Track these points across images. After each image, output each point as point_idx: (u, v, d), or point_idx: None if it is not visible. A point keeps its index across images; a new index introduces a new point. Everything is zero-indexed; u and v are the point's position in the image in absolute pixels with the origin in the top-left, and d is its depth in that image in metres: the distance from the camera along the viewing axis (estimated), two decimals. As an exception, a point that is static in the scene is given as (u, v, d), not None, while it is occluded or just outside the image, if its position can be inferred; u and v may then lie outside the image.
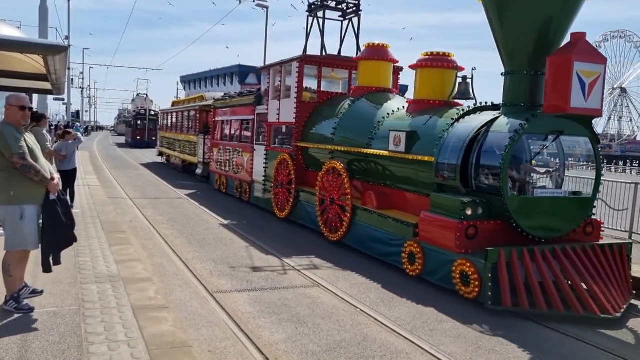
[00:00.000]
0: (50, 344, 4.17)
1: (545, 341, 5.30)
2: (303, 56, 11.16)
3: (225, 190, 15.49)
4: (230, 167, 14.91)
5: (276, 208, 11.67)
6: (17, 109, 4.80)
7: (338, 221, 9.16)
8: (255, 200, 13.18)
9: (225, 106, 15.82)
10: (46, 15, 18.48)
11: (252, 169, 13.27)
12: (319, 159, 10.41)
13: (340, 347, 4.87)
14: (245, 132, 14.35)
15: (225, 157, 15.39)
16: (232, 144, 14.91)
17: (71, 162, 10.60)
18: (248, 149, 13.56)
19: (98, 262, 6.62)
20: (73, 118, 52.73)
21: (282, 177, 11.35)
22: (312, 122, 10.96)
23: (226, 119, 15.94)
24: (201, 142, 18.99)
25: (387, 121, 8.89)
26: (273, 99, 12.16)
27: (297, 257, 8.25)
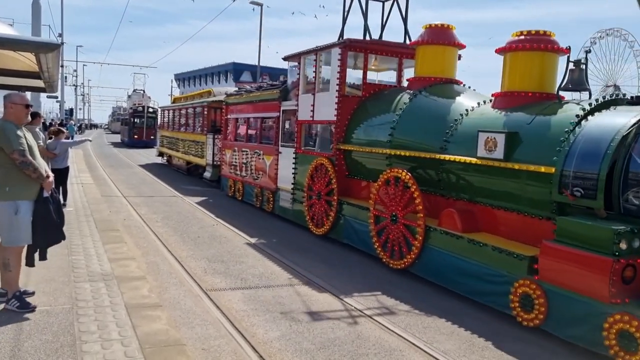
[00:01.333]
0: (43, 343, 4.16)
1: (541, 340, 5.33)
2: (347, 41, 9.13)
3: (241, 197, 13.52)
4: (248, 171, 12.97)
5: (311, 222, 9.77)
6: (22, 107, 4.92)
7: (403, 245, 7.27)
8: (282, 211, 11.19)
9: (241, 102, 13.88)
10: (39, 12, 18.36)
11: (276, 174, 11.33)
12: (369, 166, 8.65)
13: (334, 345, 4.88)
14: (267, 131, 12.59)
15: (241, 160, 13.40)
16: (250, 145, 13.02)
17: (64, 160, 10.56)
18: (271, 151, 11.68)
19: (91, 261, 6.60)
20: (66, 116, 52.06)
21: (318, 185, 9.49)
22: (356, 120, 9.05)
23: (242, 117, 13.96)
24: (210, 143, 16.92)
25: (468, 119, 7.02)
26: (305, 93, 10.27)
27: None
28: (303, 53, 10.37)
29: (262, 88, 13.00)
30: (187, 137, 20.37)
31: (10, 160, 4.64)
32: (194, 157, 19.11)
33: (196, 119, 19.76)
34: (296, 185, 10.46)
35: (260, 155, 12.28)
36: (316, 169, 9.61)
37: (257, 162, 12.40)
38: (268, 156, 11.83)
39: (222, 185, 15.27)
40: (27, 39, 6.24)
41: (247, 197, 13.17)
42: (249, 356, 4.56)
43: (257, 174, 12.42)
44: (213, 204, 13.23)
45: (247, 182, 13.11)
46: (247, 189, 13.23)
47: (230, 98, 14.86)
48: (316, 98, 9.85)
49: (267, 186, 11.86)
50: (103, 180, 17.33)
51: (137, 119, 40.26)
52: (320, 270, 7.40)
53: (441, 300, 6.35)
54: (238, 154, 13.69)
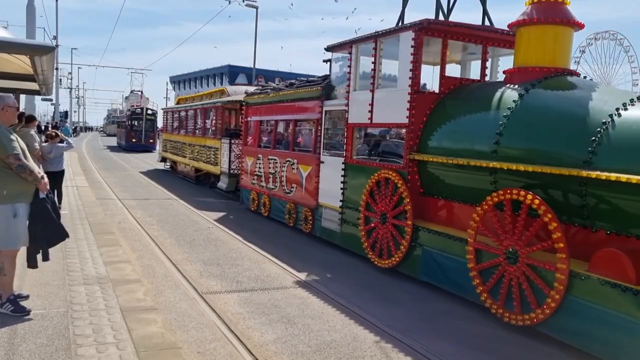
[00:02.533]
0: (37, 347, 4.14)
1: (539, 342, 5.34)
2: (425, 22, 7.10)
3: (267, 213, 11.55)
4: (276, 183, 11.03)
5: (371, 252, 7.80)
6: (14, 110, 4.93)
7: (529, 294, 5.33)
8: (325, 233, 9.29)
9: (267, 102, 11.90)
10: (34, 14, 18.32)
11: (316, 188, 9.43)
12: (458, 182, 6.69)
13: (330, 347, 4.88)
14: (303, 136, 11.22)
15: (267, 170, 11.49)
16: (279, 153, 11.11)
17: (60, 163, 10.53)
18: (309, 160, 9.84)
19: (86, 264, 6.58)
20: (61, 118, 51.69)
21: (382, 205, 7.53)
22: (435, 123, 7.09)
23: (268, 119, 12.14)
24: (226, 148, 15.01)
25: (626, 121, 5.05)
26: (360, 90, 8.41)
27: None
28: (357, 41, 8.51)
29: (297, 85, 10.92)
30: (197, 141, 18.31)
31: (5, 164, 4.63)
32: (205, 164, 17.10)
33: (207, 122, 17.92)
34: (346, 203, 8.55)
35: (293, 164, 10.38)
36: (378, 184, 7.66)
37: (289, 172, 10.54)
38: (305, 166, 9.98)
39: (242, 197, 13.35)
40: (22, 41, 6.24)
41: (276, 213, 11.27)
42: (245, 359, 4.55)
43: (289, 186, 10.53)
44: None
45: (275, 196, 11.21)
46: (275, 203, 11.30)
47: (252, 98, 12.91)
48: (376, 96, 7.95)
49: (303, 202, 9.96)
50: (98, 183, 17.27)
51: (136, 121, 38.06)
52: (316, 273, 7.40)
53: (437, 302, 6.36)
54: (263, 162, 11.78)
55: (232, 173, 14.65)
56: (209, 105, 17.52)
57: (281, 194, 10.89)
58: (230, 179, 14.72)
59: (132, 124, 38.06)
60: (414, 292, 6.75)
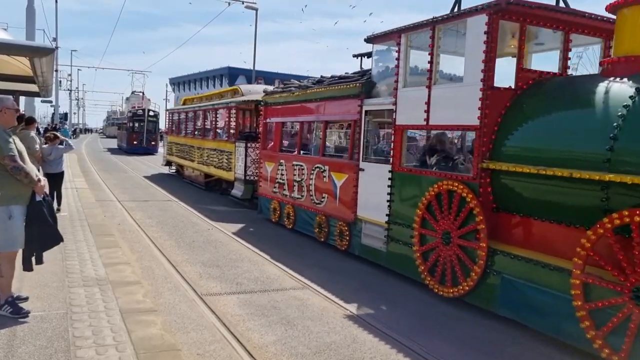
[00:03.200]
0: (37, 348, 4.13)
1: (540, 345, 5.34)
2: (503, 2, 5.87)
3: (292, 226, 10.40)
4: (303, 192, 9.87)
5: (429, 277, 6.58)
6: (13, 112, 4.93)
7: None
8: (365, 251, 8.05)
9: (291, 101, 10.68)
10: (33, 16, 18.33)
11: (354, 200, 8.21)
12: (550, 197, 5.43)
13: (330, 349, 4.87)
14: (337, 139, 10.37)
15: (291, 177, 10.36)
16: (307, 158, 9.99)
17: (59, 165, 10.54)
18: (344, 167, 8.66)
19: (86, 265, 6.57)
20: (61, 120, 51.49)
21: (445, 222, 6.33)
22: (512, 124, 5.97)
23: (293, 120, 11.08)
24: (241, 152, 13.75)
25: None
26: (410, 87, 7.28)
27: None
28: (407, 29, 7.31)
29: (329, 81, 9.70)
30: (207, 144, 16.97)
31: (1, 166, 4.62)
32: (217, 169, 15.78)
33: (219, 123, 16.72)
34: (394, 217, 7.35)
35: (324, 171, 9.18)
36: (439, 197, 6.48)
37: (319, 180, 9.35)
38: (339, 174, 8.79)
39: (261, 207, 12.03)
40: (22, 43, 6.25)
41: (302, 225, 10.11)
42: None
43: (319, 196, 9.34)
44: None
45: (301, 207, 10.00)
46: (301, 215, 10.11)
47: (272, 97, 11.65)
48: (434, 93, 6.75)
49: (337, 215, 8.75)
50: (97, 184, 17.27)
51: (137, 123, 36.72)
52: (316, 275, 7.40)
53: (438, 305, 6.35)
54: (286, 168, 10.60)
55: (248, 179, 13.42)
56: (221, 105, 16.12)
57: (309, 205, 9.69)
58: (246, 185, 13.50)
59: (133, 125, 36.86)
60: (414, 293, 6.74)
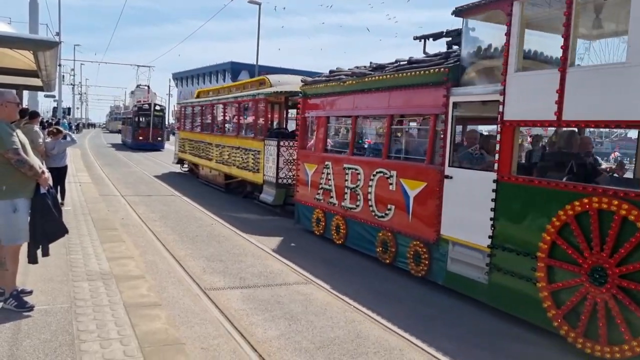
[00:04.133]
0: (41, 342, 4.14)
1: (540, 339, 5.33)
2: None
3: (342, 241, 8.69)
4: (359, 202, 8.23)
5: (565, 326, 4.99)
6: (14, 106, 4.92)
7: None
8: (455, 281, 6.38)
9: (340, 92, 8.96)
10: (36, 10, 18.33)
11: (437, 214, 6.60)
12: None
13: (333, 344, 4.87)
14: (408, 138, 8.27)
15: (341, 182, 8.69)
16: (365, 161, 8.31)
17: (62, 159, 10.55)
18: (422, 173, 7.01)
19: (90, 260, 6.58)
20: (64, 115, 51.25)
21: (594, 254, 4.77)
22: None
23: (343, 115, 9.42)
24: (271, 152, 11.97)
25: None
26: (528, 70, 5.84)
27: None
28: None
29: (394, 67, 7.85)
30: (228, 142, 15.18)
31: (5, 160, 4.62)
32: (241, 170, 14.01)
33: (242, 118, 14.99)
34: (501, 240, 5.69)
35: (390, 177, 7.54)
36: (582, 219, 4.89)
37: (382, 188, 7.71)
38: (412, 181, 7.14)
39: (299, 215, 10.24)
40: (25, 36, 6.25)
41: (357, 242, 8.38)
42: (248, 355, 4.55)
43: (382, 208, 7.70)
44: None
45: (357, 219, 8.31)
46: (355, 229, 8.40)
47: (314, 87, 9.83)
48: (572, 78, 5.06)
49: (410, 232, 7.12)
50: (101, 179, 17.29)
51: (143, 117, 35.11)
52: (320, 270, 7.39)
53: (441, 300, 6.34)
54: (335, 172, 8.93)
55: (280, 183, 11.66)
56: (246, 98, 14.16)
57: (368, 218, 8.03)
58: (278, 190, 11.72)
59: (138, 120, 35.26)
60: (417, 289, 6.74)
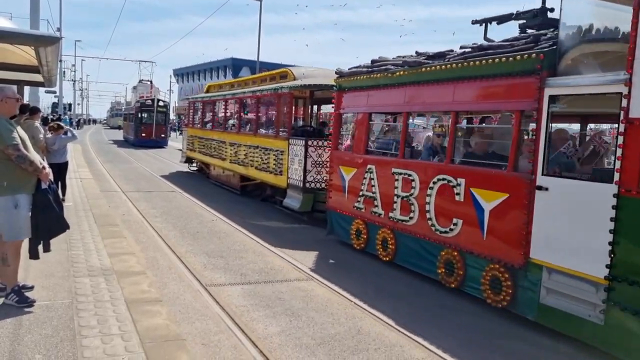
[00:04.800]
0: (42, 337, 4.15)
1: (540, 338, 5.34)
2: None
3: (389, 258, 7.47)
4: (413, 213, 7.00)
5: None
6: (14, 102, 4.89)
7: None
8: (551, 317, 5.14)
9: (386, 84, 7.73)
10: (37, 6, 18.24)
11: (523, 233, 5.41)
12: None
13: (334, 340, 4.88)
14: (477, 139, 6.80)
15: (389, 190, 7.44)
16: (420, 165, 7.11)
17: (63, 155, 10.55)
18: (500, 181, 5.84)
19: (91, 255, 6.59)
20: (65, 111, 50.96)
21: None
22: None
23: (390, 111, 8.41)
24: (297, 152, 10.66)
25: None
26: None
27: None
28: None
29: (461, 55, 6.58)
30: (245, 140, 13.74)
31: (5, 156, 4.62)
32: (260, 171, 12.58)
33: (262, 114, 13.84)
34: (623, 271, 4.52)
35: (457, 186, 6.29)
36: None
37: (444, 198, 6.50)
38: (489, 192, 5.88)
39: (332, 225, 8.95)
40: (27, 32, 6.23)
41: (409, 259, 7.16)
42: (249, 351, 4.56)
43: (445, 221, 6.49)
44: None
45: (409, 233, 7.10)
46: (408, 245, 7.15)
47: (352, 79, 8.51)
48: None
49: (485, 252, 5.92)
50: (102, 175, 17.30)
51: (146, 113, 33.93)
52: (320, 266, 7.39)
53: (442, 297, 6.34)
54: (380, 177, 7.68)
55: (308, 187, 10.41)
56: (267, 92, 12.69)
57: (425, 232, 6.80)
58: (305, 195, 10.44)
59: (141, 116, 34.08)
60: (417, 286, 6.74)
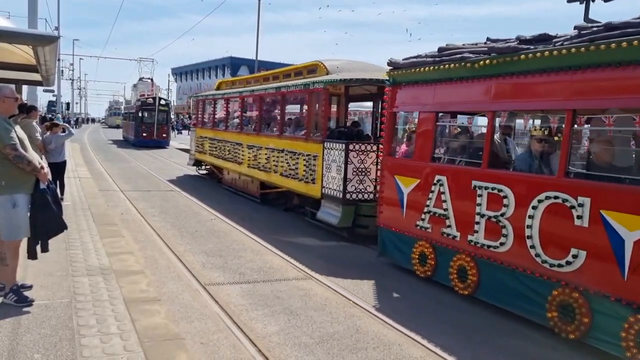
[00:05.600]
0: (41, 337, 4.15)
1: (538, 336, 5.35)
2: None
3: (469, 291, 6.11)
4: (506, 238, 5.61)
5: None
6: (12, 101, 4.88)
7: None
8: None
9: (459, 77, 6.39)
10: (35, 5, 18.20)
11: None
12: None
13: (333, 339, 4.88)
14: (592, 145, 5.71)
15: (468, 208, 6.09)
16: (514, 178, 5.71)
17: (61, 154, 10.54)
18: None
19: (89, 255, 6.59)
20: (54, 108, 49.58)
21: None
22: None
23: (468, 109, 6.81)
24: (335, 157, 9.13)
25: None
26: None
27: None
28: None
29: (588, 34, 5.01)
30: (267, 143, 12.07)
31: (3, 155, 4.62)
32: (286, 178, 10.95)
33: (287, 113, 12.39)
34: None
35: (576, 207, 4.89)
36: None
37: (555, 222, 5.14)
38: (631, 217, 4.48)
39: (384, 245, 7.58)
40: (25, 31, 6.23)
41: (498, 295, 5.78)
42: (248, 350, 4.56)
43: (557, 252, 5.10)
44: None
45: (499, 262, 5.69)
46: (497, 277, 5.77)
47: (412, 72, 7.11)
48: None
49: (629, 298, 4.48)
50: (100, 174, 17.28)
51: (147, 112, 32.75)
52: (319, 265, 7.40)
53: (440, 295, 6.35)
54: (453, 191, 6.35)
55: (348, 199, 8.88)
56: (295, 88, 11.06)
57: (525, 263, 5.38)
58: (346, 208, 8.90)
59: (142, 115, 32.91)
60: (416, 284, 6.75)
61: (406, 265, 7.14)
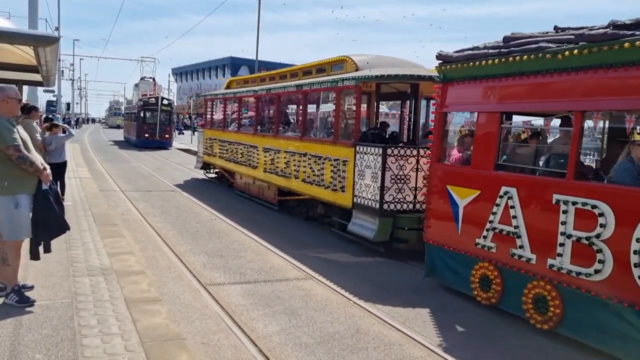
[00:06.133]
0: (43, 337, 4.15)
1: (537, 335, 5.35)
2: None
3: (549, 325, 5.10)
4: (595, 262, 4.63)
5: None
6: (16, 102, 4.90)
7: None
8: None
9: (532, 71, 5.36)
10: (36, 5, 18.22)
11: None
12: None
13: (333, 339, 4.89)
14: None
15: (544, 224, 5.13)
16: (609, 192, 4.69)
17: (62, 155, 10.54)
18: None
19: (90, 255, 6.60)
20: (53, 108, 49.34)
21: None
22: None
23: (544, 109, 5.88)
24: (369, 162, 8.14)
25: None
26: None
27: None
28: None
29: None
30: (287, 146, 11.03)
31: (6, 156, 4.62)
32: (310, 185, 9.93)
33: (310, 114, 11.34)
34: None
35: None
36: None
37: None
38: None
39: (433, 264, 6.65)
40: (26, 32, 6.24)
41: (592, 332, 4.79)
42: (249, 350, 4.57)
43: None
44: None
45: (590, 292, 4.73)
46: (589, 311, 4.77)
47: (468, 66, 6.18)
48: None
49: None
50: (100, 174, 17.29)
51: (149, 112, 32.15)
52: (319, 265, 7.41)
53: (440, 295, 6.36)
54: (526, 205, 5.38)
55: (386, 209, 7.91)
56: (320, 86, 9.99)
57: (632, 296, 4.41)
58: (383, 220, 7.91)
59: (144, 115, 32.23)
60: (416, 284, 6.75)
61: (462, 289, 6.23)
